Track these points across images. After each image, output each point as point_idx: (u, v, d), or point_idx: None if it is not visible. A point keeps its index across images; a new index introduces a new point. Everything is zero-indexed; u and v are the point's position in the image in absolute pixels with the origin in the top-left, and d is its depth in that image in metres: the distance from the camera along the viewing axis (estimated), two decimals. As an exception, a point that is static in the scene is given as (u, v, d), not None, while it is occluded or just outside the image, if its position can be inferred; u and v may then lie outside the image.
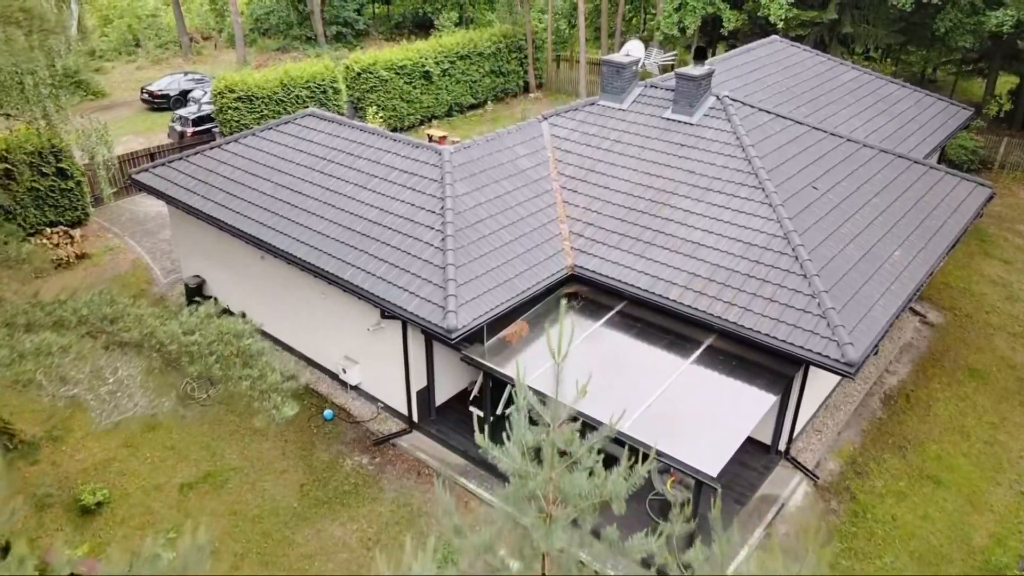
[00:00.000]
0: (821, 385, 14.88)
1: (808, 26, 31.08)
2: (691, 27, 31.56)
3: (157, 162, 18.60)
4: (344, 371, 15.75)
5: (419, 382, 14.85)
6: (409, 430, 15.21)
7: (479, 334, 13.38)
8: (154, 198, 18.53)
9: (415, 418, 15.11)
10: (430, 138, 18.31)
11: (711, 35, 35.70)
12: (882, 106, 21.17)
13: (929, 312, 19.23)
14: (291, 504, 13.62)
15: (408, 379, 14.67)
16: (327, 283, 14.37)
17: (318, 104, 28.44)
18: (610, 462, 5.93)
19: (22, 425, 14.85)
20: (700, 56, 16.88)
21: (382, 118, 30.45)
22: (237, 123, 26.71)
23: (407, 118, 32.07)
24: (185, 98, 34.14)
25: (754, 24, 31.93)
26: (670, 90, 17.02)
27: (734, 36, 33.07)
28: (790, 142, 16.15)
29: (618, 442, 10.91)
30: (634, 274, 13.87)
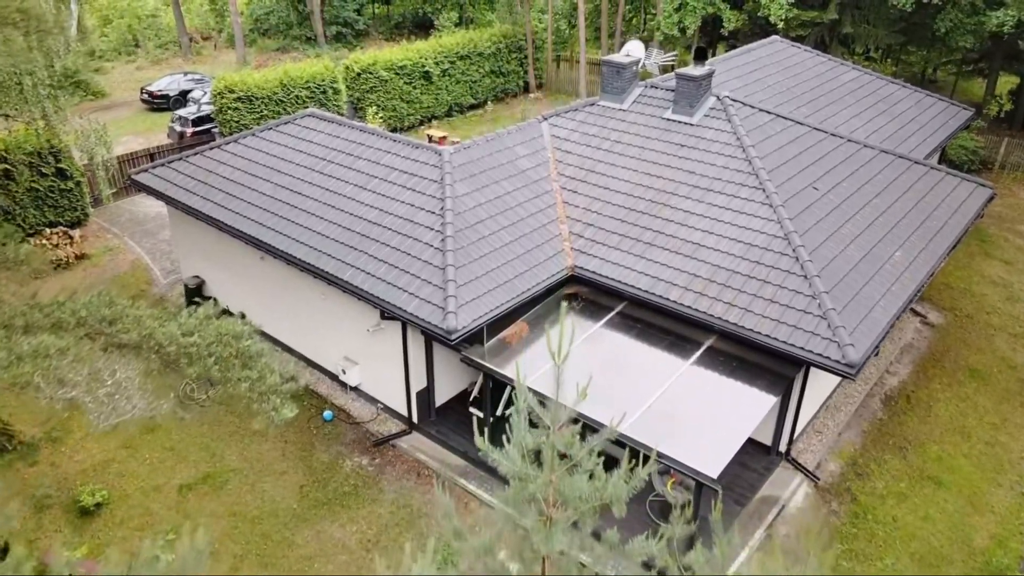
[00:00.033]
0: (821, 386, 14.85)
1: (808, 26, 31.06)
2: (691, 27, 31.55)
3: (156, 162, 18.57)
4: (344, 372, 15.73)
5: (419, 383, 14.83)
6: (409, 431, 15.18)
7: (479, 335, 13.36)
8: (154, 198, 18.49)
9: (415, 419, 15.09)
10: (430, 138, 18.29)
11: (711, 35, 35.68)
12: (882, 106, 21.15)
13: (930, 313, 19.21)
14: (291, 505, 13.59)
15: (408, 380, 14.65)
16: (327, 284, 14.35)
17: (318, 104, 28.41)
18: (610, 463, 5.91)
19: (21, 426, 14.87)
20: (700, 56, 16.85)
21: (382, 118, 30.42)
22: (237, 123, 26.69)
23: (407, 118, 32.04)
24: (185, 98, 34.12)
25: (754, 24, 31.91)
26: (670, 90, 17.00)
27: (734, 36, 33.05)
28: (790, 143, 16.13)
29: (618, 444, 10.89)
30: (634, 275, 13.84)
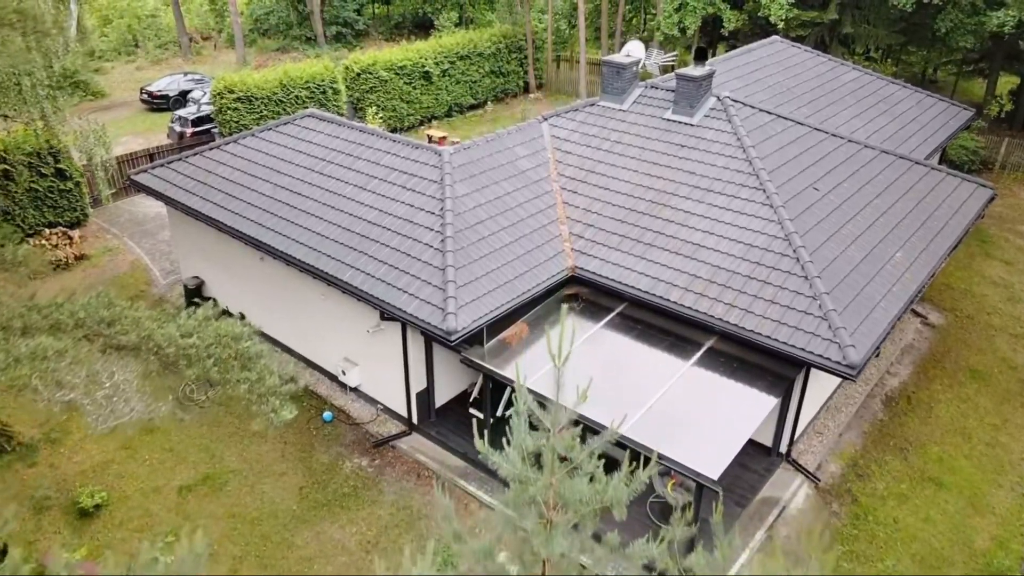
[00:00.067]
0: (822, 387, 14.83)
1: (809, 26, 31.03)
2: (691, 27, 31.52)
3: (156, 163, 18.54)
4: (344, 373, 15.70)
5: (419, 384, 14.80)
6: (409, 432, 15.16)
7: (479, 336, 13.33)
8: (153, 199, 18.46)
9: (415, 420, 15.06)
10: (430, 139, 18.26)
11: (711, 35, 35.65)
12: (883, 107, 21.12)
13: (930, 313, 19.18)
14: (290, 506, 13.56)
15: (408, 381, 14.62)
16: (326, 284, 14.32)
17: (318, 105, 28.38)
18: (611, 464, 5.88)
19: (20, 427, 14.84)
20: (700, 57, 16.82)
21: (382, 119, 30.39)
22: (236, 124, 26.66)
23: (407, 119, 32.01)
24: (184, 98, 34.09)
25: (754, 24, 31.88)
26: (670, 91, 16.97)
27: (734, 36, 33.02)
28: (791, 143, 16.10)
29: (619, 445, 10.87)
30: (635, 276, 13.81)
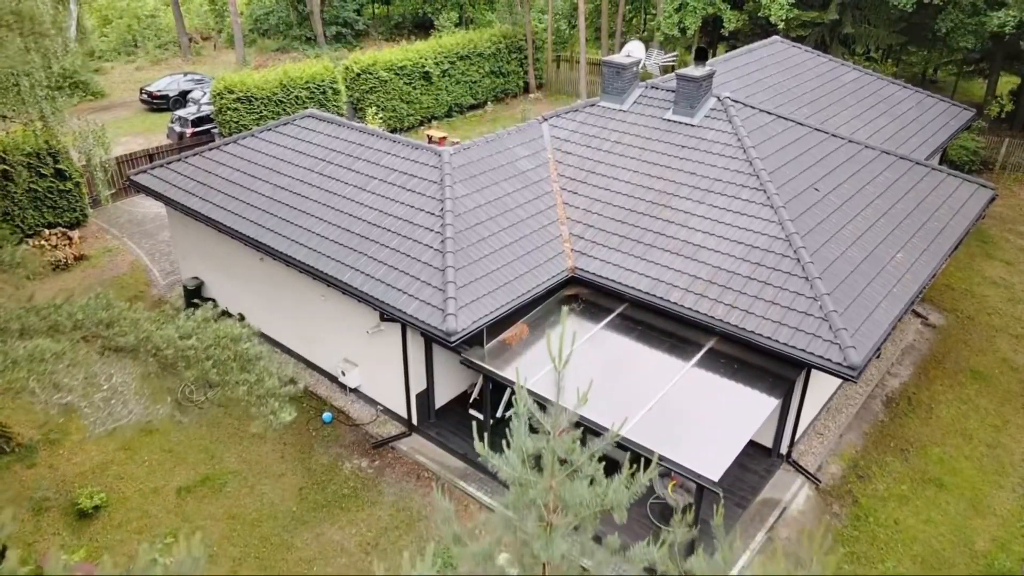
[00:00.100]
0: (823, 388, 14.80)
1: (809, 27, 31.01)
2: (692, 28, 31.49)
3: (155, 163, 18.51)
4: (343, 374, 15.67)
5: (418, 385, 14.77)
6: (408, 433, 15.13)
7: (479, 337, 13.31)
8: (153, 199, 18.43)
9: (415, 421, 15.03)
10: (430, 139, 18.26)
11: (712, 36, 35.62)
12: (883, 107, 21.09)
13: (931, 314, 19.16)
14: (290, 508, 13.53)
15: (407, 382, 14.59)
16: (326, 285, 14.29)
17: (317, 105, 28.36)
18: (611, 464, 5.86)
19: (19, 428, 14.82)
20: (701, 57, 16.78)
21: (382, 119, 30.36)
22: (236, 124, 26.63)
23: (407, 119, 31.99)
24: (184, 99, 34.06)
25: (755, 25, 31.86)
26: (671, 91, 16.94)
27: (735, 37, 33.00)
28: (791, 143, 16.07)
29: (619, 447, 10.84)
30: (635, 276, 13.79)
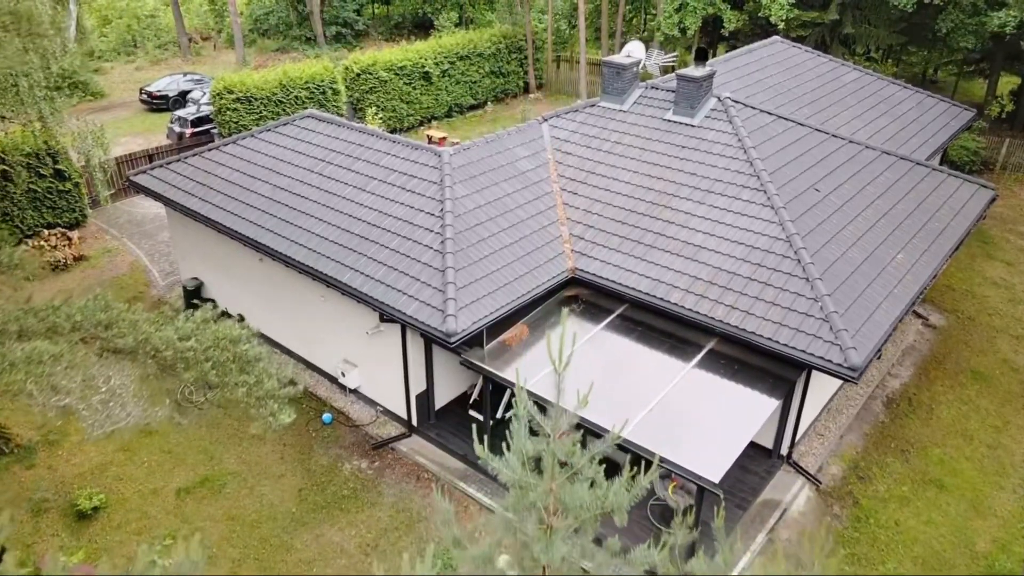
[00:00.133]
0: (823, 389, 14.77)
1: (809, 27, 30.98)
2: (692, 28, 31.47)
3: (155, 164, 18.49)
4: (343, 375, 15.65)
5: (418, 386, 14.75)
6: (408, 434, 15.10)
7: (479, 337, 13.28)
8: (152, 200, 18.40)
9: (414, 422, 15.01)
10: (429, 139, 18.24)
11: (712, 36, 35.59)
12: (884, 107, 21.07)
13: (931, 315, 19.13)
14: (289, 509, 13.51)
15: (407, 383, 14.56)
16: (326, 286, 14.26)
17: (317, 105, 28.33)
18: (611, 465, 5.83)
19: (18, 429, 14.79)
20: (701, 57, 16.76)
21: (381, 119, 30.33)
22: (236, 124, 26.61)
23: (406, 119, 31.96)
24: (184, 99, 34.03)
25: (755, 25, 31.83)
26: (671, 91, 16.92)
27: (735, 37, 32.97)
28: (792, 144, 16.05)
29: (620, 448, 10.81)
30: (635, 277, 13.76)
